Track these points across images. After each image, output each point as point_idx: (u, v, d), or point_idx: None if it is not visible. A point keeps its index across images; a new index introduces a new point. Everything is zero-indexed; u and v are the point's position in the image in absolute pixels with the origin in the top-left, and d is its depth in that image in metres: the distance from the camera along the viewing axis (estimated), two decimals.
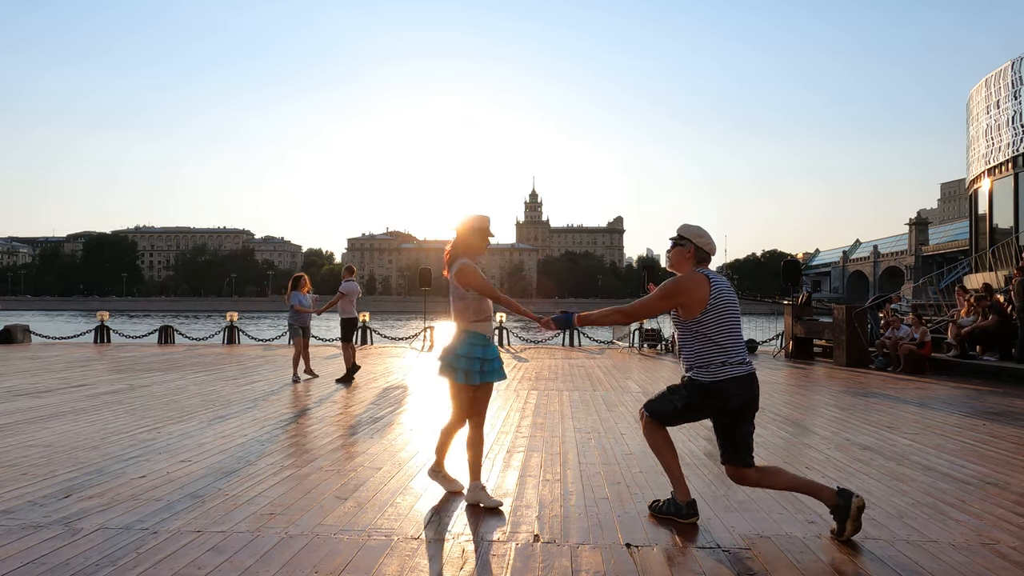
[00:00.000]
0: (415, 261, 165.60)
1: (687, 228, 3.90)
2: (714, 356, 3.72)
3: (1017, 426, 7.19)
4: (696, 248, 3.86)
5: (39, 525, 3.74)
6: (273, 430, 6.62)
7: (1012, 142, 25.09)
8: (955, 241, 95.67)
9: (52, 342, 19.97)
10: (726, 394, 3.70)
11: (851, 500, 3.58)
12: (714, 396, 3.72)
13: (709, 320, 3.71)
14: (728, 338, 3.72)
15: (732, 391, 3.69)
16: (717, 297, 3.71)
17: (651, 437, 4.01)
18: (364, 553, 3.38)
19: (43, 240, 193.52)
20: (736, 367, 3.71)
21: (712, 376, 3.71)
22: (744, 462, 3.77)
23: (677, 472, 3.95)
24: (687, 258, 3.86)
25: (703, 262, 3.88)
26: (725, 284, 3.81)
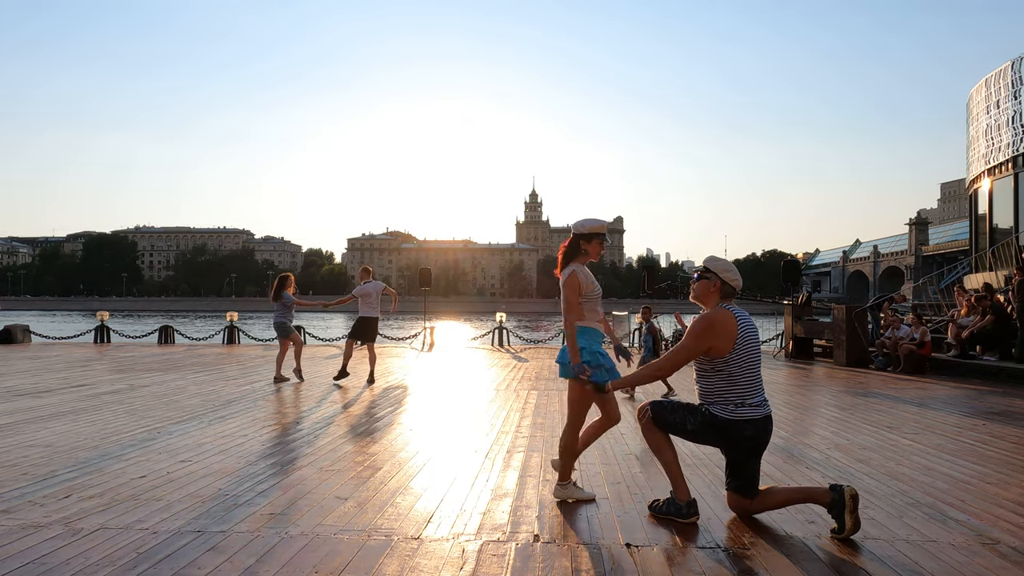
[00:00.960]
0: (415, 261, 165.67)
1: (713, 261, 3.90)
2: (732, 395, 3.76)
3: (1017, 426, 7.19)
4: (722, 283, 3.85)
5: (39, 525, 3.74)
6: (273, 430, 6.62)
7: (1012, 142, 25.09)
8: (955, 241, 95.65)
9: (52, 342, 19.96)
10: (740, 434, 3.76)
11: (843, 492, 3.60)
12: (727, 433, 3.78)
13: (735, 359, 3.74)
14: (749, 378, 3.76)
15: (747, 431, 3.75)
16: (743, 336, 3.74)
17: (651, 437, 4.02)
18: (364, 553, 3.38)
19: (43, 240, 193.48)
20: (753, 408, 3.76)
21: (729, 415, 3.76)
22: (748, 493, 3.87)
23: (677, 472, 3.96)
24: (712, 292, 3.87)
25: (728, 297, 3.87)
26: (750, 322, 3.83)
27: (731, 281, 3.85)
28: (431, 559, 3.32)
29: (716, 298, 3.86)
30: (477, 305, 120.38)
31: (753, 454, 3.83)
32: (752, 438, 3.77)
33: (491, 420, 7.32)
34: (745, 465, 3.85)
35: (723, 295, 3.86)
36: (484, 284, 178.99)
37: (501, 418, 7.42)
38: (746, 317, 3.83)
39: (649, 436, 4.02)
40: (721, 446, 3.88)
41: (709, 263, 3.91)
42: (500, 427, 6.88)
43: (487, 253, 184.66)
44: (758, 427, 3.77)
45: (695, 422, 3.87)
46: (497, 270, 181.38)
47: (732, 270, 3.88)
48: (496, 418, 7.43)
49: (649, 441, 4.04)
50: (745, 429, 3.74)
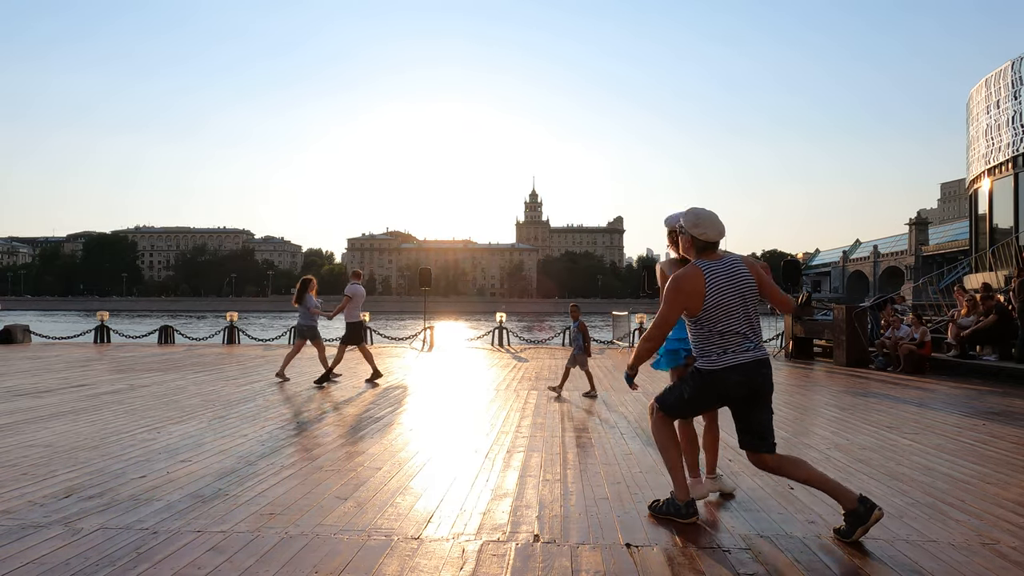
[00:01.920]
0: (415, 261, 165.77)
1: (687, 215, 3.79)
2: (715, 346, 3.68)
3: (1017, 426, 7.19)
4: (693, 238, 3.76)
5: (39, 525, 3.74)
6: (273, 430, 6.62)
7: (1012, 142, 25.09)
8: (955, 241, 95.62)
9: (52, 342, 19.96)
10: (727, 382, 3.64)
11: (872, 512, 3.51)
12: (716, 385, 3.68)
13: (707, 315, 3.66)
14: (729, 327, 3.65)
15: (733, 379, 3.63)
16: (713, 289, 3.64)
17: (659, 433, 3.95)
18: (364, 553, 3.38)
19: (43, 240, 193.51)
20: (739, 354, 3.64)
21: (713, 365, 3.67)
22: (759, 448, 3.71)
23: (680, 472, 3.92)
24: (688, 247, 3.80)
25: (705, 251, 3.75)
26: (724, 272, 3.68)
27: (700, 236, 3.72)
28: (431, 559, 3.32)
29: (692, 252, 3.79)
30: (477, 305, 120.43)
31: (752, 403, 3.67)
32: (741, 383, 3.63)
33: (491, 420, 7.32)
34: (748, 417, 3.70)
35: (698, 249, 3.76)
36: (484, 284, 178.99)
37: (501, 418, 7.42)
38: (718, 268, 3.67)
39: (658, 433, 3.94)
40: (720, 403, 3.76)
41: (684, 217, 3.79)
42: (500, 427, 6.88)
43: (487, 253, 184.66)
44: (747, 371, 3.63)
45: (690, 386, 3.80)
46: (497, 270, 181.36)
47: (702, 224, 3.72)
48: (496, 418, 7.43)
49: (657, 438, 3.96)
50: (730, 376, 3.63)
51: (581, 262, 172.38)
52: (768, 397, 3.72)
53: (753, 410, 3.69)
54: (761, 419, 3.70)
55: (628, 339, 19.58)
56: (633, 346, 18.70)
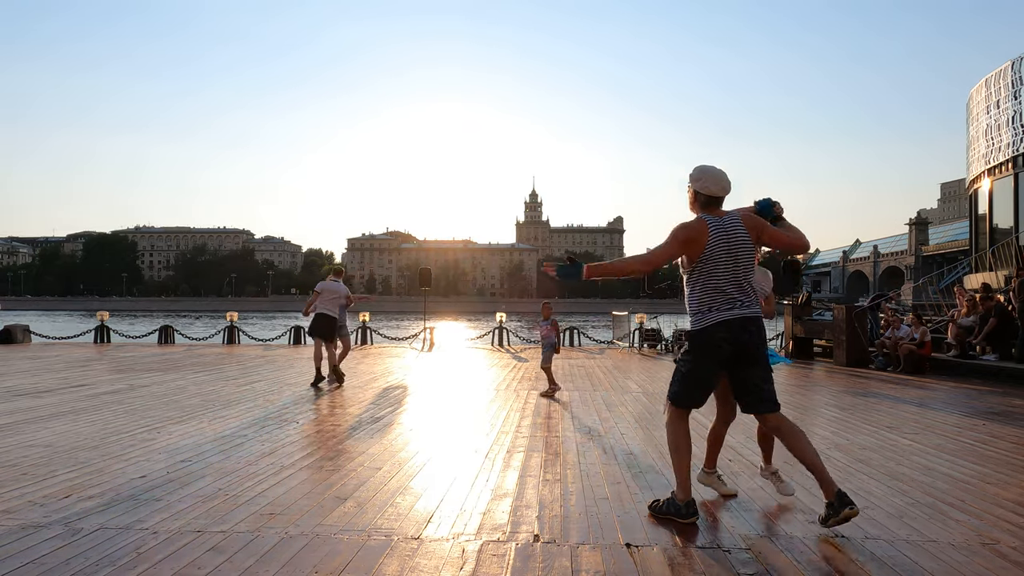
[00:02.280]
0: (415, 261, 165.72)
1: (693, 171, 3.83)
2: (703, 302, 3.70)
3: (1017, 426, 7.19)
4: (695, 192, 3.80)
5: (39, 525, 3.74)
6: (273, 430, 6.62)
7: (1012, 142, 25.09)
8: (955, 241, 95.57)
9: (52, 342, 19.96)
10: (715, 338, 3.65)
11: (844, 508, 3.55)
12: (706, 343, 3.68)
13: (703, 267, 3.70)
14: (721, 283, 3.68)
15: (720, 334, 3.65)
16: (715, 242, 3.66)
17: (671, 432, 3.91)
18: (364, 553, 3.38)
19: (43, 240, 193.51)
20: (723, 312, 3.67)
21: (700, 323, 3.70)
22: (758, 408, 3.74)
23: (685, 472, 3.90)
24: (693, 202, 3.84)
25: (709, 206, 3.78)
26: (724, 231, 3.70)
27: (702, 189, 3.77)
28: (431, 559, 3.32)
29: (696, 208, 3.82)
30: (477, 305, 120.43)
31: (742, 361, 3.69)
32: (728, 340, 3.64)
33: (491, 420, 7.33)
34: (743, 376, 3.72)
35: (702, 204, 3.79)
36: (484, 284, 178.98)
37: (501, 418, 7.42)
38: (722, 224, 3.70)
39: (670, 431, 3.91)
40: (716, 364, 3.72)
41: (691, 172, 3.84)
42: (500, 427, 6.88)
43: (487, 253, 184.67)
44: (731, 327, 3.65)
45: (683, 360, 3.81)
46: (497, 270, 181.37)
47: (704, 178, 3.77)
48: (496, 418, 7.43)
49: (669, 437, 3.93)
50: (717, 331, 3.64)
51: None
52: (759, 355, 3.73)
53: (745, 368, 3.72)
54: (754, 376, 3.72)
55: (628, 339, 19.57)
56: (633, 346, 18.69)
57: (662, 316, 20.58)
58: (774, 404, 3.77)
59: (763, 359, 3.76)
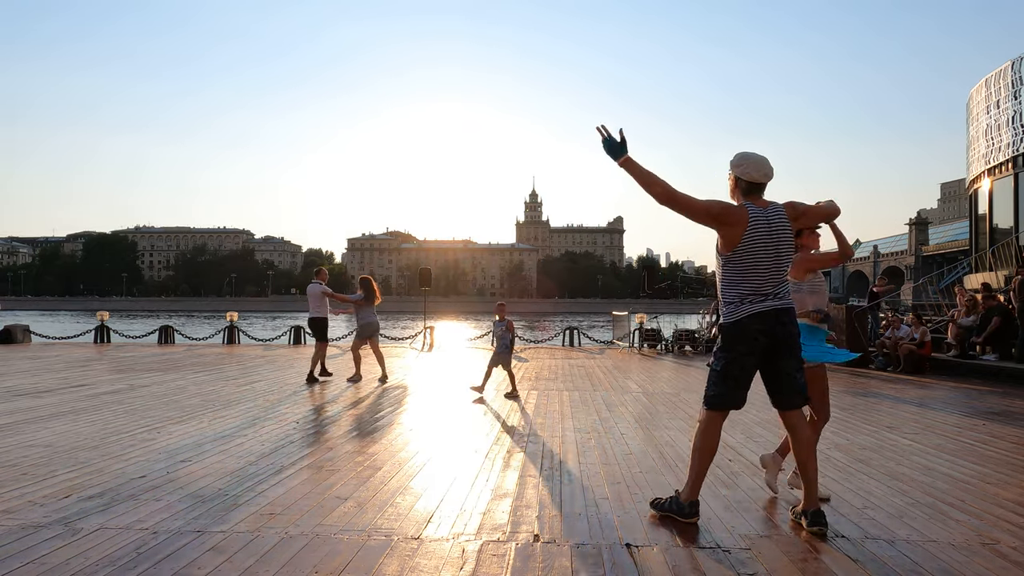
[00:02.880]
0: (415, 261, 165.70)
1: (734, 157, 3.77)
2: (736, 294, 3.65)
3: (1017, 426, 7.19)
4: (736, 178, 3.74)
5: (39, 525, 3.74)
6: (273, 430, 6.62)
7: (1012, 142, 25.08)
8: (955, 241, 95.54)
9: (52, 342, 19.96)
10: (748, 332, 3.60)
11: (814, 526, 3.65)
12: (738, 337, 3.64)
13: (739, 257, 3.63)
14: (756, 276, 3.62)
15: (755, 327, 3.60)
16: (753, 234, 3.60)
17: (700, 436, 3.83)
18: (364, 553, 3.38)
19: (43, 240, 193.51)
20: (757, 304, 3.62)
21: (733, 316, 3.65)
22: (792, 402, 3.73)
23: (701, 476, 3.86)
24: (733, 188, 3.78)
25: (750, 193, 3.71)
26: (767, 221, 3.64)
27: (743, 175, 3.69)
28: (431, 559, 3.32)
29: (738, 195, 3.75)
30: (477, 305, 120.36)
31: (778, 352, 3.64)
32: (762, 331, 3.59)
33: (491, 420, 7.32)
34: (776, 369, 3.68)
35: (743, 191, 3.72)
36: (484, 284, 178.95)
37: (501, 418, 7.42)
38: (761, 215, 3.62)
39: (700, 435, 3.83)
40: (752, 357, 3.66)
41: (733, 157, 3.76)
42: (500, 427, 6.88)
43: (487, 253, 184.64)
44: (766, 319, 3.60)
45: (717, 357, 3.75)
46: (497, 270, 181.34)
47: (745, 163, 3.69)
48: (496, 418, 7.43)
49: (697, 439, 3.85)
50: (752, 323, 3.59)
51: (581, 262, 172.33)
52: (793, 346, 3.70)
53: (780, 359, 3.68)
54: (788, 367, 3.69)
55: (628, 339, 19.57)
56: (633, 346, 18.69)
57: (662, 316, 20.58)
58: (805, 397, 3.77)
59: (797, 350, 3.74)
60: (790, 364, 3.71)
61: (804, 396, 3.76)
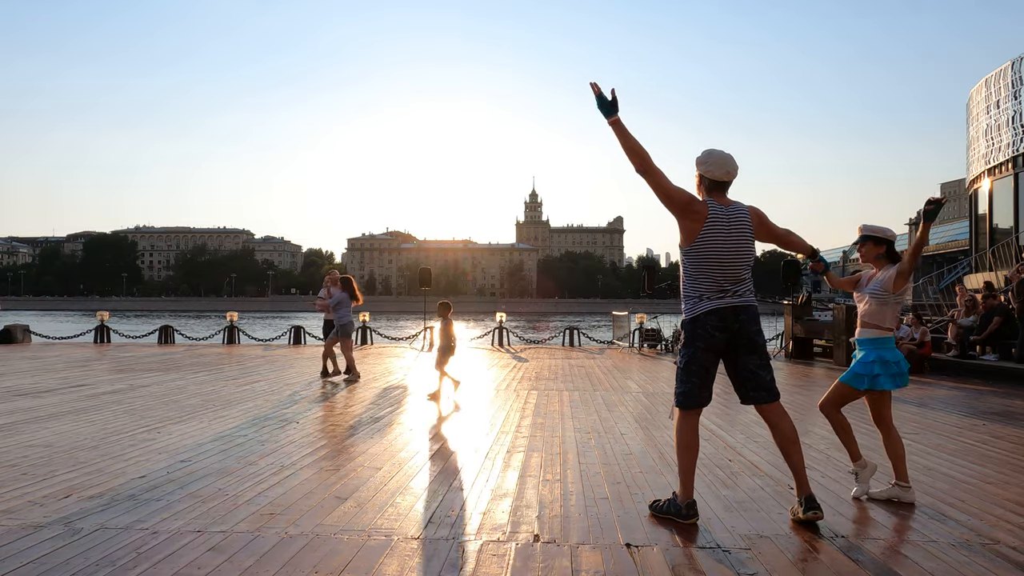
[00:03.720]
0: (415, 261, 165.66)
1: (701, 153, 3.83)
2: (693, 290, 3.73)
3: (1017, 426, 7.19)
4: (700, 176, 3.80)
5: (39, 525, 3.74)
6: (273, 430, 6.62)
7: (1012, 142, 25.09)
8: (955, 241, 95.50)
9: (52, 342, 19.96)
10: (707, 327, 3.68)
11: (809, 512, 3.72)
12: (698, 331, 3.71)
13: (695, 252, 3.71)
14: (713, 273, 3.69)
15: (712, 322, 3.68)
16: (712, 228, 3.67)
17: (679, 434, 3.89)
18: (364, 553, 3.38)
19: (43, 240, 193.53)
20: (715, 300, 3.70)
21: (692, 312, 3.73)
22: (757, 398, 3.79)
23: (690, 473, 3.89)
24: (698, 185, 3.83)
25: (714, 190, 3.77)
26: (726, 217, 3.70)
27: (707, 173, 3.77)
28: (431, 559, 3.32)
29: (702, 192, 3.82)
30: (477, 305, 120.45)
31: (737, 350, 3.73)
32: (719, 327, 3.68)
33: (491, 420, 7.33)
34: (737, 365, 3.77)
35: (707, 188, 3.79)
36: (484, 284, 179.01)
37: (501, 418, 7.42)
38: (720, 212, 3.69)
39: (678, 433, 3.88)
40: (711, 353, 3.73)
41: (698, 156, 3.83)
42: (500, 427, 6.88)
43: (487, 253, 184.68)
44: (723, 315, 3.68)
45: (681, 352, 3.84)
46: (497, 270, 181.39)
47: (708, 161, 3.76)
48: (496, 418, 7.43)
49: (677, 438, 3.91)
50: (709, 319, 3.68)
51: (581, 262, 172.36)
52: (754, 343, 3.76)
53: (740, 357, 3.75)
54: (749, 365, 3.76)
55: (628, 339, 19.57)
56: (633, 346, 18.69)
57: (662, 316, 20.58)
58: (771, 394, 3.81)
59: (760, 348, 3.80)
60: (752, 360, 3.78)
61: (770, 392, 3.80)
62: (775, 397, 3.83)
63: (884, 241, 4.44)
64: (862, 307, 4.46)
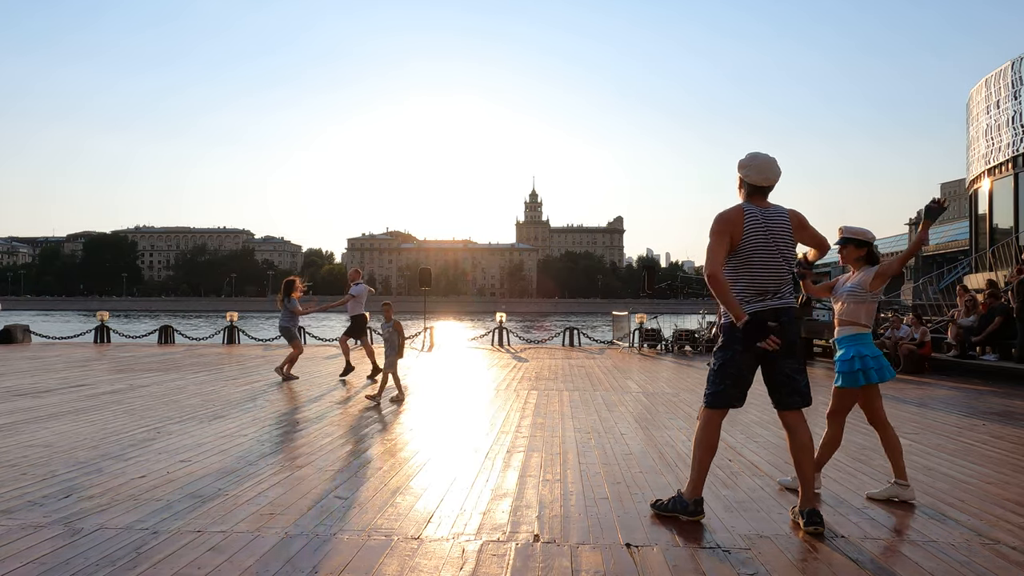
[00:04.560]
0: (415, 261, 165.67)
1: (744, 156, 3.85)
2: (737, 293, 3.71)
3: (1017, 426, 7.19)
4: (740, 179, 3.83)
5: (39, 525, 3.74)
6: (273, 430, 6.62)
7: (1012, 142, 25.08)
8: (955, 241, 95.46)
9: (52, 342, 19.96)
10: (746, 328, 3.65)
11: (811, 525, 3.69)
12: (736, 336, 3.70)
13: (740, 256, 3.73)
14: (757, 274, 3.70)
15: (752, 322, 3.65)
16: (751, 231, 3.70)
17: (701, 432, 3.89)
18: (364, 553, 3.38)
19: (43, 240, 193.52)
20: (755, 304, 3.71)
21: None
22: (791, 403, 3.79)
23: (705, 472, 3.90)
24: (740, 189, 3.86)
25: (754, 195, 3.81)
26: (765, 219, 3.73)
27: (746, 177, 3.80)
28: (431, 559, 3.33)
29: (742, 195, 3.84)
30: (477, 305, 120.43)
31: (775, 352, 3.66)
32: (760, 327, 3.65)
33: (491, 420, 7.33)
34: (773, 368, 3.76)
35: (747, 193, 3.82)
36: (484, 284, 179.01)
37: (501, 418, 7.42)
38: (759, 214, 3.73)
39: (700, 431, 3.88)
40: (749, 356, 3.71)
41: (742, 158, 3.85)
42: (500, 427, 6.88)
43: (487, 253, 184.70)
44: (763, 317, 3.67)
45: (716, 354, 3.83)
46: (497, 270, 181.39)
47: (750, 166, 3.78)
48: (496, 418, 7.43)
49: (698, 436, 3.90)
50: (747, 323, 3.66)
51: (581, 262, 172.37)
52: (792, 346, 3.76)
53: (778, 360, 3.74)
54: (786, 367, 3.76)
55: (628, 339, 19.57)
56: (633, 346, 18.69)
57: (662, 316, 20.58)
58: (805, 399, 3.82)
59: (796, 350, 3.80)
60: (789, 364, 3.77)
61: (804, 397, 3.81)
62: (808, 403, 3.84)
63: (865, 243, 4.45)
64: (838, 307, 4.48)
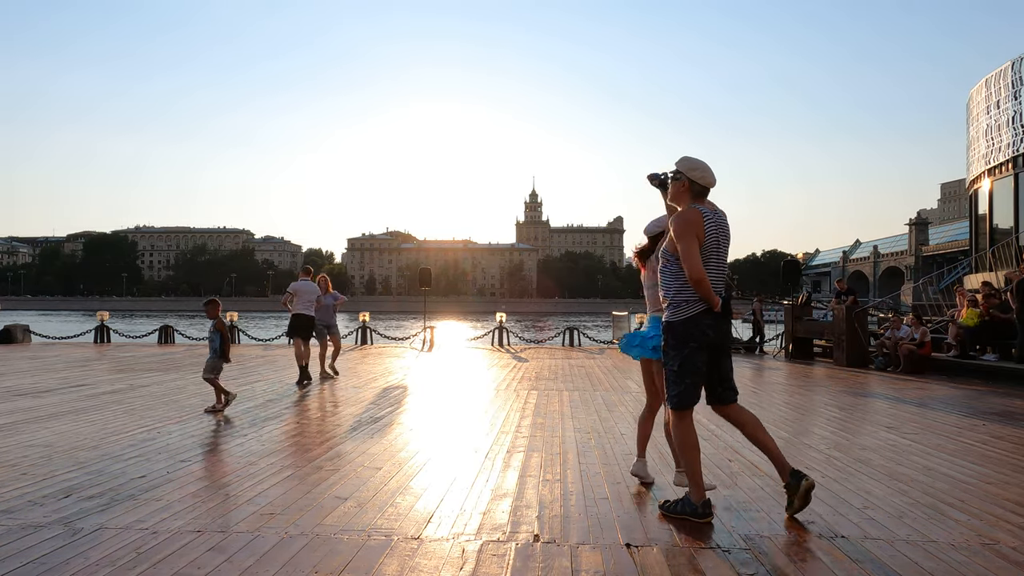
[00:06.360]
0: (415, 261, 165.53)
1: (683, 162, 3.93)
2: (687, 292, 3.81)
3: (1017, 426, 7.19)
4: (691, 182, 3.89)
5: (39, 525, 3.74)
6: (273, 430, 6.62)
7: (1012, 142, 25.08)
8: (955, 241, 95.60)
9: (52, 342, 19.96)
10: (701, 325, 3.80)
11: (801, 481, 3.83)
12: (692, 331, 3.81)
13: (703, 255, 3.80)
14: (709, 273, 3.79)
15: (706, 322, 3.80)
16: (710, 233, 3.81)
17: (677, 435, 3.94)
18: (364, 553, 3.38)
19: (43, 240, 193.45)
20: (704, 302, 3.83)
21: (686, 312, 3.81)
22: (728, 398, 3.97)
23: (697, 472, 3.92)
24: (683, 192, 3.91)
25: (699, 196, 3.90)
26: (718, 220, 3.88)
27: (699, 180, 3.87)
28: (431, 559, 3.32)
29: (687, 198, 3.89)
30: (477, 305, 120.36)
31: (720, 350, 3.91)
32: (713, 327, 3.83)
33: (491, 420, 7.33)
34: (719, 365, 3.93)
35: (693, 194, 3.89)
36: (484, 284, 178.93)
37: (501, 418, 7.42)
38: (711, 216, 3.85)
39: (676, 434, 3.94)
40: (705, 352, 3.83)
41: (679, 163, 3.93)
42: (500, 427, 6.88)
43: (487, 253, 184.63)
44: (715, 316, 3.83)
45: (670, 356, 3.89)
46: (497, 270, 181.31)
47: (700, 168, 3.89)
48: (496, 418, 7.43)
49: (677, 440, 3.97)
50: (704, 319, 3.79)
51: (581, 262, 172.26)
52: (728, 344, 3.99)
53: (721, 357, 3.94)
54: (726, 365, 3.98)
55: None
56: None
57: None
58: (735, 392, 4.03)
59: (729, 349, 4.03)
60: (727, 363, 4.00)
61: (736, 391, 4.02)
62: (737, 394, 4.03)
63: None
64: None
